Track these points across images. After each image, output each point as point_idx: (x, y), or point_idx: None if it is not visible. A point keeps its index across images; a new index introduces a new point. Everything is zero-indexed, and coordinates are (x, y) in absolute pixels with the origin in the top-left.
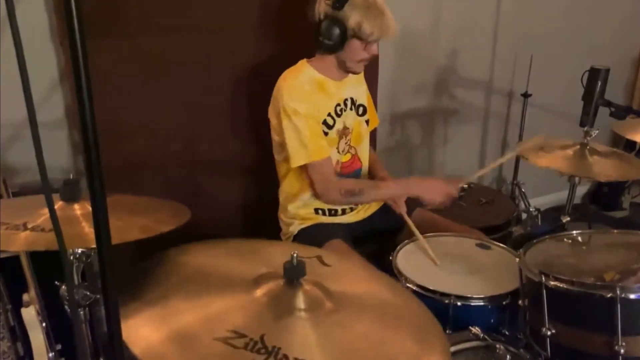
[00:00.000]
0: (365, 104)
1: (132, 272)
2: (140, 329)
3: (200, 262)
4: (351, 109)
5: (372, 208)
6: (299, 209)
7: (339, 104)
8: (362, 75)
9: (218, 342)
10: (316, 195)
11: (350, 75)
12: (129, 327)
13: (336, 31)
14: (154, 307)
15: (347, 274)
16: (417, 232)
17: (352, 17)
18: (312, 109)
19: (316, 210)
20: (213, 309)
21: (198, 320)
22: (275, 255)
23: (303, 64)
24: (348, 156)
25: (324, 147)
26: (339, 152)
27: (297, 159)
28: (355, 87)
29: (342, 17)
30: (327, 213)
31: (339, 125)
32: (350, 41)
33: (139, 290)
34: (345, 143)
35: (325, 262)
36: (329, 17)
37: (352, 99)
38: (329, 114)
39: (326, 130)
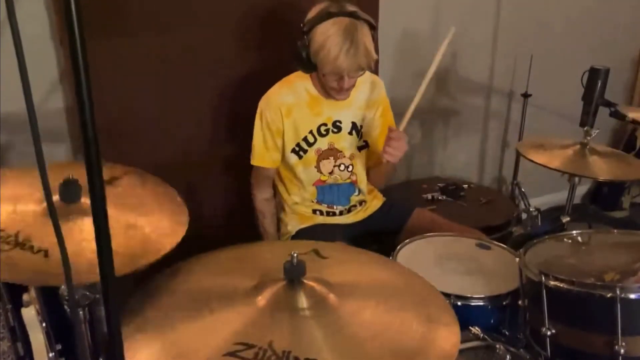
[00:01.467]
0: (363, 128)
1: (131, 300)
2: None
3: (198, 280)
4: (350, 133)
5: (372, 208)
6: (296, 206)
7: (324, 124)
8: (379, 99)
9: (228, 358)
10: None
11: (353, 96)
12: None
13: (302, 54)
14: (161, 334)
15: (346, 263)
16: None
17: (312, 44)
18: (276, 119)
19: (314, 211)
20: (218, 325)
21: (205, 339)
22: (272, 256)
23: (304, 75)
24: (347, 181)
25: (265, 156)
26: (321, 172)
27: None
28: (359, 110)
29: (308, 41)
30: (324, 214)
31: (320, 145)
32: (317, 66)
33: (142, 319)
34: (336, 166)
35: (323, 255)
36: (300, 39)
37: (353, 123)
38: (310, 132)
39: (306, 147)
